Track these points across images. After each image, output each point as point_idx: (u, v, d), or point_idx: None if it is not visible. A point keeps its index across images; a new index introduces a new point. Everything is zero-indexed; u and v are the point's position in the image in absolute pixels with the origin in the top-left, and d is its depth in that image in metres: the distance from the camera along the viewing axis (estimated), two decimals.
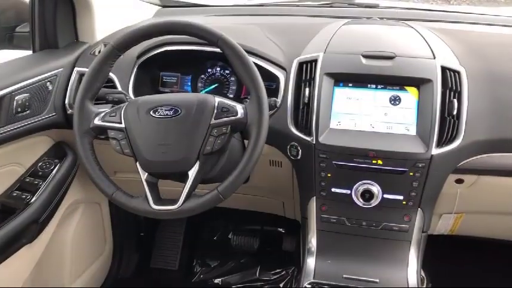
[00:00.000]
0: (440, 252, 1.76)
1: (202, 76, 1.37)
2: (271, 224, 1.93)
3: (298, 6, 1.75)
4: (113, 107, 1.07)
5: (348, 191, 1.14)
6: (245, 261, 1.94)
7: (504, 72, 1.18)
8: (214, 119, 0.98)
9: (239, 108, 1.00)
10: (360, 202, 1.13)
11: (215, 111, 0.99)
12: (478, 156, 1.13)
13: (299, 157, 1.16)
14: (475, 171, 1.16)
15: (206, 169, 1.03)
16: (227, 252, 1.96)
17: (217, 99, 1.01)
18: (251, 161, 0.97)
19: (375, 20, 1.47)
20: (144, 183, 1.00)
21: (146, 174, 1.00)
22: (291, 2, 1.80)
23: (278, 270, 1.89)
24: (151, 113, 1.00)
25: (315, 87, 1.14)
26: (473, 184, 1.21)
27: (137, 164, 1.00)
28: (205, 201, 0.97)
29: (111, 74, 1.24)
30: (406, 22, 1.40)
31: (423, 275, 1.33)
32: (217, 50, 1.01)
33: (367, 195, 1.12)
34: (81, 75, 1.31)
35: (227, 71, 1.35)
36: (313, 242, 1.21)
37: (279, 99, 1.19)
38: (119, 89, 1.27)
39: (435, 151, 1.07)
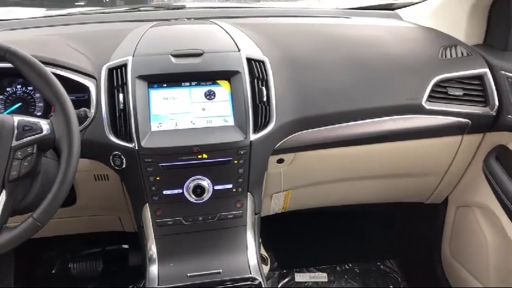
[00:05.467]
0: (282, 230, 1.89)
1: (1, 97, 1.22)
2: (113, 243, 1.83)
3: (103, 13, 1.68)
4: None
5: (180, 190, 1.14)
6: None
7: (300, 58, 1.31)
8: (16, 140, 0.89)
9: (44, 124, 0.92)
10: (192, 199, 1.14)
11: (15, 131, 0.89)
12: (291, 136, 1.23)
13: (124, 166, 1.12)
14: (291, 149, 1.26)
15: (17, 197, 0.92)
16: (69, 283, 1.80)
17: (17, 118, 0.92)
18: (66, 179, 0.90)
19: (182, 21, 1.49)
20: None
21: None
22: (95, 10, 1.73)
23: None
24: None
25: (129, 92, 1.11)
26: (292, 161, 1.31)
27: None
28: (21, 232, 0.88)
29: None
30: (211, 20, 1.45)
31: (266, 255, 1.41)
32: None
33: (199, 190, 1.13)
34: None
35: (30, 88, 1.23)
36: (153, 249, 1.18)
37: (93, 110, 1.13)
38: None
39: (253, 137, 1.13)
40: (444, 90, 1.33)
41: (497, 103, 1.33)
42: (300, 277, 1.95)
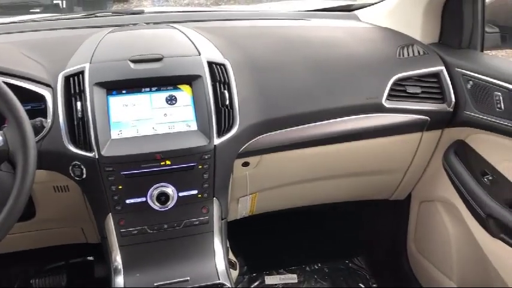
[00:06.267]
0: (250, 234, 1.88)
1: None
2: (77, 255, 1.78)
3: (59, 19, 1.63)
4: None
5: (143, 199, 1.12)
6: None
7: (261, 60, 1.31)
8: None
9: None
10: (157, 206, 1.12)
11: None
12: (256, 138, 1.23)
13: (84, 176, 1.08)
14: (257, 152, 1.26)
15: None
16: None
17: None
18: (22, 193, 0.86)
19: (141, 26, 1.47)
20: None
21: None
22: (50, 17, 1.68)
23: None
24: None
25: (87, 100, 1.08)
26: (258, 164, 1.31)
27: None
28: None
29: None
30: (170, 24, 1.43)
31: (234, 259, 1.40)
32: None
33: (163, 197, 1.11)
34: None
35: None
36: (118, 259, 1.15)
37: (49, 119, 1.09)
38: None
39: (217, 141, 1.12)
40: (403, 89, 1.36)
41: (453, 99, 1.37)
42: (269, 280, 1.94)
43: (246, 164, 1.29)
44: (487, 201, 1.28)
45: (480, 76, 1.28)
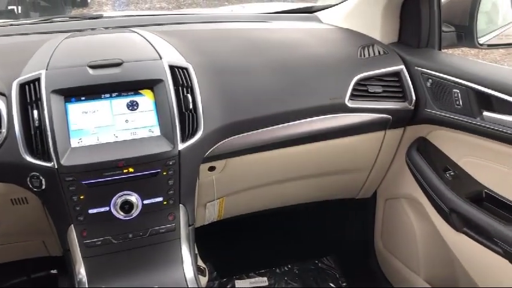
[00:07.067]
0: (219, 239, 1.86)
1: None
2: (40, 269, 1.71)
3: (12, 25, 1.57)
4: None
5: (107, 208, 1.09)
6: None
7: (224, 63, 1.30)
8: None
9: None
10: (121, 215, 1.09)
11: None
12: (221, 142, 1.22)
13: (44, 187, 1.05)
14: (222, 155, 1.25)
15: None
16: None
17: None
18: None
19: (100, 30, 1.43)
20: None
21: None
22: (3, 23, 1.61)
23: None
24: None
25: (44, 108, 1.04)
26: (224, 168, 1.30)
27: None
28: None
29: None
30: (130, 28, 1.40)
31: (203, 266, 1.38)
32: None
33: (127, 206, 1.09)
34: None
35: None
36: (82, 272, 1.11)
37: (4, 129, 1.05)
38: None
39: (181, 146, 1.10)
40: (365, 88, 1.38)
41: (414, 97, 1.40)
42: (240, 284, 1.93)
43: (212, 169, 1.28)
44: (450, 196, 1.31)
45: (439, 74, 1.31)
